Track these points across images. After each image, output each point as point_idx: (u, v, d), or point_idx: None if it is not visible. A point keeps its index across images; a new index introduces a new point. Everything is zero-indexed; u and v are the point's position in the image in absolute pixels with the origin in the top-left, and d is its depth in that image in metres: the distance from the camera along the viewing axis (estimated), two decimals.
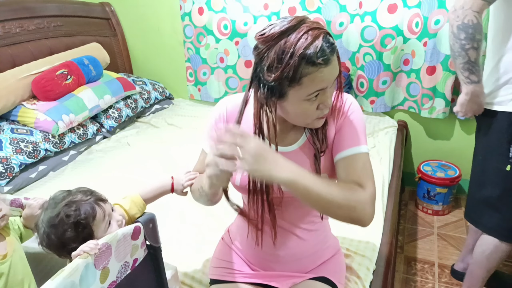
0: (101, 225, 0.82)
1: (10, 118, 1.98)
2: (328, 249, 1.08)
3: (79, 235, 0.79)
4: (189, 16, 2.54)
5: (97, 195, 0.86)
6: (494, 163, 1.33)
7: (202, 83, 2.74)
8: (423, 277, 1.82)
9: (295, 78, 0.73)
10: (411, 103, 2.30)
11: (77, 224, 0.79)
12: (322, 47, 0.72)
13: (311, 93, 0.76)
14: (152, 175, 1.83)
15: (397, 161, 1.95)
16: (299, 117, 0.82)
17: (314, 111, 0.80)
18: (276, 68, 0.74)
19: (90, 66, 2.29)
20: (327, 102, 0.79)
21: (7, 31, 2.07)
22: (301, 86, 0.75)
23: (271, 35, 0.74)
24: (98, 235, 0.81)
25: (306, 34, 0.72)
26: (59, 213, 0.79)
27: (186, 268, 1.21)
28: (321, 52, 0.72)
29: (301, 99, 0.77)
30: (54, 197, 0.84)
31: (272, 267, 1.03)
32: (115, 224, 0.85)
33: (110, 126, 2.30)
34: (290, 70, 0.73)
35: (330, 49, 0.73)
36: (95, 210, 0.82)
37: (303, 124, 0.86)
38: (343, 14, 2.19)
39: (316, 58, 0.71)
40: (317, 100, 0.78)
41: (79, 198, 0.82)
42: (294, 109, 0.80)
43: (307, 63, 0.72)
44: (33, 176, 1.83)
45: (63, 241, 0.79)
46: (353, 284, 1.13)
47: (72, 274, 0.64)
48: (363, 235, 1.35)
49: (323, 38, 0.73)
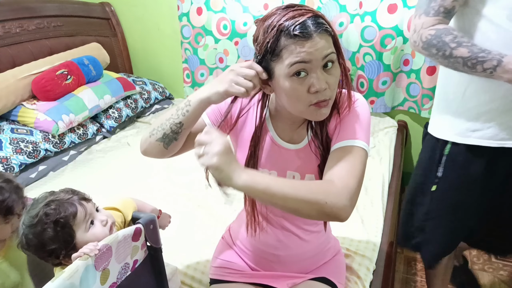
0: (82, 224, 0.79)
1: (10, 118, 1.98)
2: (329, 251, 1.09)
3: (58, 235, 0.76)
4: (187, 16, 2.53)
5: (80, 194, 0.83)
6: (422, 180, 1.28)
7: (199, 84, 2.72)
8: (423, 277, 1.82)
9: (275, 50, 0.74)
10: (411, 103, 2.30)
11: (56, 222, 0.76)
12: (304, 22, 0.72)
13: (291, 66, 0.73)
14: (152, 175, 1.83)
15: (397, 161, 1.95)
16: (290, 99, 0.79)
17: (305, 94, 0.76)
18: (261, 41, 0.76)
19: (90, 66, 2.29)
20: (319, 85, 0.74)
21: (7, 31, 2.07)
22: (282, 59, 0.74)
23: (265, 16, 0.77)
24: (79, 235, 0.78)
25: (292, 12, 0.74)
26: (38, 213, 0.76)
27: (186, 268, 1.22)
28: (301, 26, 0.72)
29: (285, 74, 0.75)
30: (37, 199, 0.81)
31: (274, 268, 1.04)
32: (99, 224, 0.82)
33: (110, 126, 2.30)
34: (269, 42, 0.74)
35: (315, 27, 0.72)
36: (76, 208, 0.79)
37: (298, 111, 0.81)
38: (343, 14, 2.19)
39: (293, 30, 0.72)
40: (306, 82, 0.75)
41: (60, 197, 0.80)
42: (283, 89, 0.77)
43: (286, 35, 0.73)
44: (33, 176, 1.83)
45: (42, 242, 0.76)
46: (353, 284, 1.13)
47: (72, 275, 0.64)
48: (363, 235, 1.35)
49: (311, 17, 0.73)
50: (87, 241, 0.76)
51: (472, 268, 1.80)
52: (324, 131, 0.87)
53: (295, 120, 0.89)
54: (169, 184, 1.75)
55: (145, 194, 1.66)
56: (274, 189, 0.72)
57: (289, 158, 0.91)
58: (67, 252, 0.77)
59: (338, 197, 0.73)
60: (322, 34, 0.73)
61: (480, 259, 1.91)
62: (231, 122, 0.94)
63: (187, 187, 1.71)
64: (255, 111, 0.92)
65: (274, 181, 0.73)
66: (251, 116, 0.93)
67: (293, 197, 0.72)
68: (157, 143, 0.87)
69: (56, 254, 0.77)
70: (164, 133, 0.85)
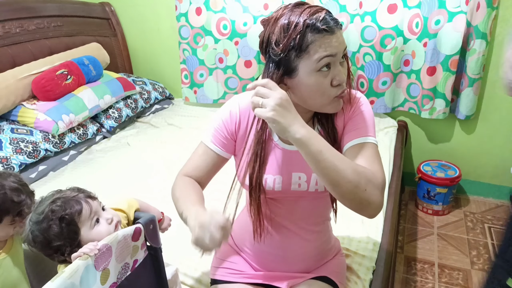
0: (87, 222, 0.80)
1: (10, 118, 1.98)
2: (330, 250, 1.09)
3: (63, 231, 0.76)
4: (185, 16, 2.52)
5: (86, 192, 0.84)
6: None
7: (198, 85, 2.70)
8: (423, 277, 1.82)
9: (301, 46, 0.77)
10: (411, 104, 2.30)
11: (61, 219, 0.77)
12: (325, 17, 0.76)
13: (320, 60, 0.77)
14: (152, 175, 1.83)
15: (397, 161, 1.95)
16: (314, 94, 0.81)
17: (329, 87, 0.80)
18: (283, 39, 0.77)
19: (90, 66, 2.29)
20: (340, 77, 0.79)
21: (7, 31, 2.07)
22: (309, 55, 0.77)
23: (275, 15, 0.80)
24: (84, 233, 0.79)
25: (309, 8, 0.77)
26: (45, 209, 0.77)
27: (186, 268, 1.21)
28: (324, 21, 0.76)
29: (311, 69, 0.78)
30: (45, 197, 0.82)
31: (276, 267, 1.04)
32: (105, 222, 0.83)
33: (110, 126, 2.30)
34: (296, 38, 0.76)
35: (334, 22, 0.77)
36: (81, 205, 0.79)
37: (320, 105, 0.84)
38: (343, 14, 2.19)
39: (320, 25, 0.75)
40: (330, 74, 0.79)
41: (67, 195, 0.81)
42: (307, 85, 0.80)
43: (312, 30, 0.76)
44: (33, 176, 1.83)
45: (47, 238, 0.76)
46: (353, 284, 1.13)
47: (72, 275, 0.64)
48: (363, 235, 1.35)
49: (326, 12, 0.78)
50: (92, 238, 0.77)
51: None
52: (330, 121, 0.90)
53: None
54: (169, 184, 1.74)
55: (145, 194, 1.66)
56: (326, 155, 0.74)
57: (293, 160, 0.91)
58: (72, 249, 0.77)
59: (377, 189, 0.77)
60: (339, 29, 0.79)
61: (480, 259, 1.91)
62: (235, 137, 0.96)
63: None
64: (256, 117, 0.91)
65: (327, 148, 0.75)
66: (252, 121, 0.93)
67: (340, 170, 0.74)
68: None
69: (62, 251, 0.78)
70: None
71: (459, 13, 1.95)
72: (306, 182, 0.91)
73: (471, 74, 2.05)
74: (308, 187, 0.92)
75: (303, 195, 0.93)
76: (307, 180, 0.91)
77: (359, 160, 0.82)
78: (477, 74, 2.04)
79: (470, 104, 2.12)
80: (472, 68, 2.03)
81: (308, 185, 0.92)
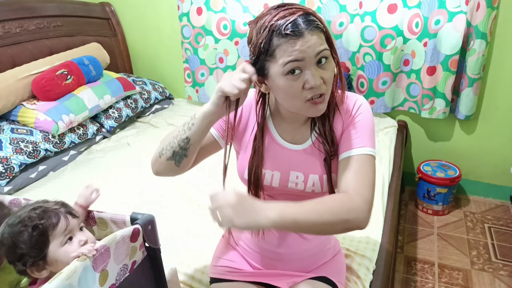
0: (59, 237, 0.77)
1: (10, 118, 1.98)
2: (330, 250, 1.09)
3: (32, 239, 0.74)
4: (187, 16, 2.53)
5: (69, 208, 0.82)
6: None
7: (200, 84, 2.72)
8: (423, 277, 1.82)
9: (268, 50, 0.77)
10: (411, 103, 2.29)
11: (34, 227, 0.74)
12: (295, 20, 0.74)
13: (285, 65, 0.76)
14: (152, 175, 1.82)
15: (397, 161, 1.95)
16: (286, 97, 0.81)
17: (300, 91, 0.78)
18: (255, 42, 0.78)
19: (90, 66, 2.29)
20: (313, 81, 0.76)
21: (7, 31, 2.07)
22: (275, 59, 0.77)
23: (259, 16, 0.80)
24: (52, 248, 0.76)
25: (283, 11, 0.76)
26: (22, 214, 0.76)
27: (185, 268, 1.21)
28: (292, 24, 0.74)
29: (279, 73, 0.78)
30: (30, 203, 0.81)
31: (275, 266, 1.04)
32: (77, 243, 0.78)
33: (110, 126, 2.30)
34: (262, 43, 0.76)
35: (306, 24, 0.75)
36: (59, 219, 0.77)
37: (296, 108, 0.83)
38: (343, 14, 2.18)
39: (285, 29, 0.74)
40: (301, 78, 0.77)
41: (48, 206, 0.79)
42: (279, 88, 0.80)
43: (277, 35, 0.75)
44: (33, 176, 1.82)
45: (15, 242, 0.74)
46: (353, 284, 1.13)
47: (70, 276, 0.64)
48: (363, 235, 1.35)
49: (301, 15, 0.75)
50: (58, 256, 0.75)
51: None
52: (327, 125, 0.89)
53: (295, 119, 0.90)
54: (169, 184, 1.75)
55: (145, 194, 1.66)
56: (301, 221, 0.75)
57: (292, 159, 0.92)
58: (34, 261, 0.75)
59: (359, 212, 0.78)
60: (313, 31, 0.75)
61: (480, 259, 1.91)
62: (234, 126, 0.95)
63: (187, 187, 1.71)
64: (255, 112, 0.92)
65: (299, 211, 0.75)
66: (252, 117, 0.95)
67: (319, 223, 0.76)
68: (168, 162, 0.90)
69: (24, 261, 0.75)
70: (173, 151, 0.88)
71: (459, 13, 1.95)
72: (303, 182, 0.92)
73: (471, 74, 2.05)
74: (305, 187, 0.93)
75: (300, 194, 0.94)
76: (304, 180, 0.92)
77: (348, 174, 0.83)
78: (477, 74, 2.04)
79: (470, 104, 2.12)
80: (472, 68, 2.03)
81: (305, 185, 0.92)
